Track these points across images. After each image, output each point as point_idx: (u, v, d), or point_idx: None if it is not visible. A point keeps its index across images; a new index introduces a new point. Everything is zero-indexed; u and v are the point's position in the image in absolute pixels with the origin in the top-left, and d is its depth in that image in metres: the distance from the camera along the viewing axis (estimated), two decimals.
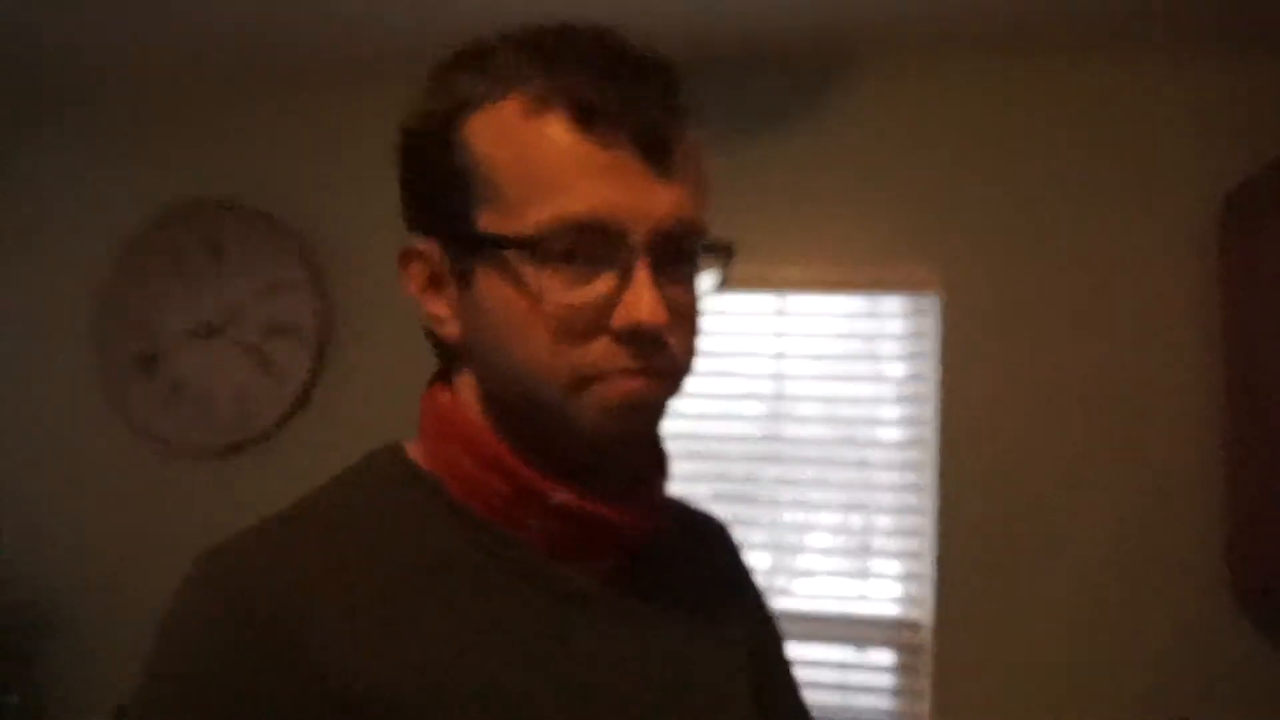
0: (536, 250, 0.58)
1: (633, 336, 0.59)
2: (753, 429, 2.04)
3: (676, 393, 0.64)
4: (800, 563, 2.03)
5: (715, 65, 1.96)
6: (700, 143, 0.64)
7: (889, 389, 1.99)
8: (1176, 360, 1.80)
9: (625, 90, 0.58)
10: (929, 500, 1.91)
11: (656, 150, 0.59)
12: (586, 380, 0.59)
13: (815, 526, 2.02)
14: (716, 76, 1.96)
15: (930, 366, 1.94)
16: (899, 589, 1.95)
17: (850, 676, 1.94)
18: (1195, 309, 1.80)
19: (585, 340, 0.59)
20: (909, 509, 1.95)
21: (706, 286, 0.65)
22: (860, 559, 2.03)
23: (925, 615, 1.89)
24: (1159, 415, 1.80)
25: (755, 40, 1.91)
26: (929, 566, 1.89)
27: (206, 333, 2.20)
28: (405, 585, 0.60)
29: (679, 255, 0.61)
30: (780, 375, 2.04)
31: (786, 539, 2.02)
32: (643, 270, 0.58)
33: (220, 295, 2.20)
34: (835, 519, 2.01)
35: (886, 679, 1.93)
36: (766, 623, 0.85)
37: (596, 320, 0.59)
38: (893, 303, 1.99)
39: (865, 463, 1.98)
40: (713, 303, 0.66)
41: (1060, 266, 1.86)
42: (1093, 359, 1.84)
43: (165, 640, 0.58)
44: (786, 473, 2.01)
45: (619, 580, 0.67)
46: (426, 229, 0.64)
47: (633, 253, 0.58)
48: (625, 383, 0.59)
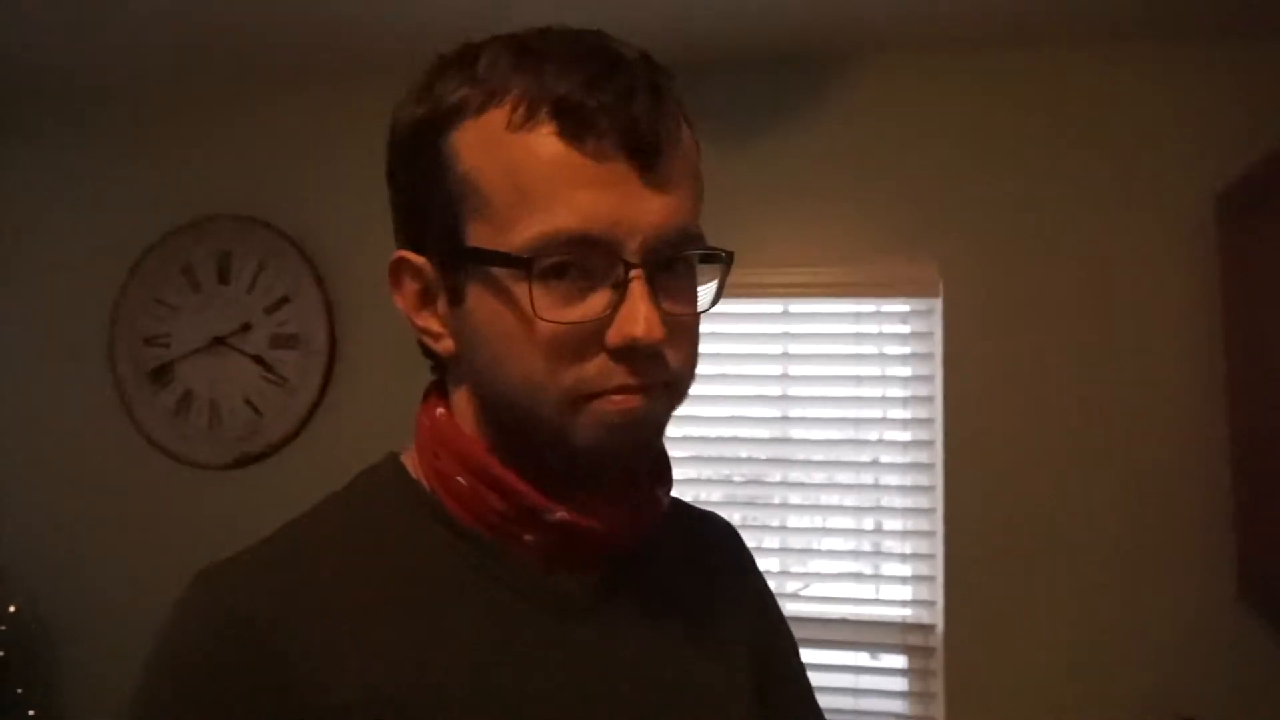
0: (528, 268, 0.56)
1: (629, 353, 0.57)
2: (761, 432, 2.04)
3: (678, 406, 0.63)
4: (811, 566, 2.03)
5: (713, 66, 1.95)
6: (694, 144, 0.62)
7: (896, 390, 1.99)
8: (1179, 357, 1.79)
9: (615, 96, 0.56)
10: (937, 502, 1.91)
11: (648, 158, 0.57)
12: (584, 398, 0.58)
13: (825, 530, 2.02)
14: (715, 77, 1.95)
15: (933, 368, 1.94)
16: (909, 592, 1.95)
17: (862, 680, 1.94)
18: (1195, 306, 1.79)
19: (581, 358, 0.57)
20: (918, 511, 1.94)
21: (706, 295, 0.63)
22: (870, 562, 2.03)
23: (936, 618, 1.89)
24: (1162, 412, 1.79)
25: (753, 40, 1.91)
26: (938, 569, 1.89)
27: (216, 345, 2.21)
28: (399, 600, 0.60)
29: (676, 265, 0.60)
30: (786, 378, 2.03)
31: (796, 543, 2.02)
32: (638, 284, 0.56)
33: (230, 308, 2.21)
34: (845, 522, 2.01)
35: (899, 682, 1.93)
36: (774, 624, 0.84)
37: (592, 337, 0.57)
38: (896, 304, 1.98)
39: (874, 465, 1.98)
40: (714, 309, 0.64)
41: (1059, 265, 1.85)
42: (1093, 358, 1.83)
43: (156, 658, 0.58)
44: (795, 477, 2.01)
45: (612, 586, 0.66)
46: (417, 242, 0.63)
47: (627, 266, 0.56)
48: (623, 400, 0.58)
